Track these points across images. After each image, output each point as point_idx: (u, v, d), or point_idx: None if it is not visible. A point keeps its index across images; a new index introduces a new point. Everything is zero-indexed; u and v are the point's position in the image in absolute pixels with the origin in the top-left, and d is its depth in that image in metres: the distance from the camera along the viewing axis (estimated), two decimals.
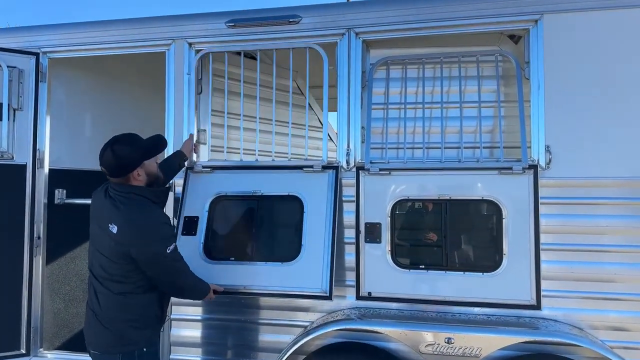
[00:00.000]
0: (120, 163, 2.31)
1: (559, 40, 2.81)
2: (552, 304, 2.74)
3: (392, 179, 2.93)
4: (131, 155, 2.33)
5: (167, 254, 2.31)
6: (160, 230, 2.33)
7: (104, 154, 2.33)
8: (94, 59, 3.56)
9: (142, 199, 2.36)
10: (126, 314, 2.34)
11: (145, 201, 2.36)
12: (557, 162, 2.77)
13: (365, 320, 2.76)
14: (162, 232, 2.33)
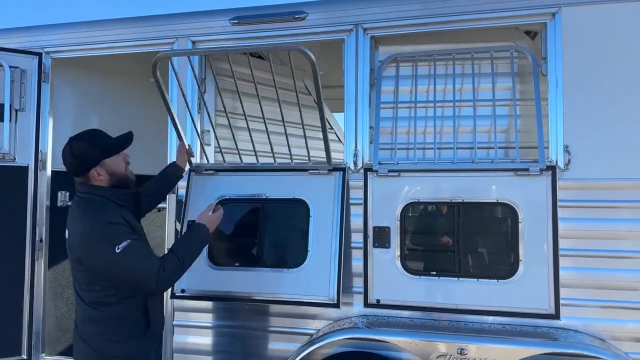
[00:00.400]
0: (77, 161, 2.15)
1: (578, 35, 2.66)
2: (571, 313, 2.58)
3: (402, 180, 2.80)
4: (89, 153, 2.15)
5: (117, 253, 2.03)
6: (104, 231, 2.07)
7: (63, 151, 2.19)
8: (98, 58, 3.49)
9: (103, 200, 2.18)
10: (100, 326, 2.14)
11: (105, 203, 2.17)
12: (576, 163, 2.62)
13: (373, 329, 2.63)
14: (106, 233, 2.06)
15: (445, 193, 2.75)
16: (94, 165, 2.17)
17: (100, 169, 2.18)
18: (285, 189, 2.95)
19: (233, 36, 3.14)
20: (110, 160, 2.21)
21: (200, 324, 3.08)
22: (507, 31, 2.96)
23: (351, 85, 2.95)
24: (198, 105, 3.22)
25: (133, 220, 2.28)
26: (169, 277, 2.12)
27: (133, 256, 2.05)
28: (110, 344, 2.14)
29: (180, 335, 3.10)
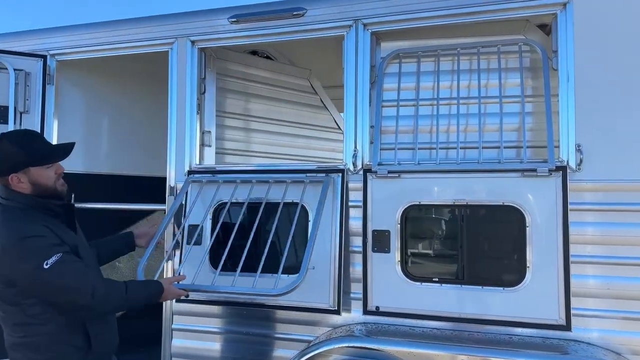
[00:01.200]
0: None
1: (592, 26, 2.49)
2: (584, 324, 2.40)
3: (403, 182, 2.67)
4: (14, 156, 1.94)
5: (45, 269, 1.83)
6: (27, 246, 1.87)
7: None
8: (103, 60, 3.49)
9: (26, 209, 1.97)
10: (30, 353, 1.92)
11: (28, 212, 1.97)
12: (589, 163, 2.44)
13: (369, 338, 2.52)
14: (30, 248, 1.86)
15: (448, 195, 2.61)
16: (15, 171, 1.96)
17: (22, 176, 1.98)
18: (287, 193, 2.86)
19: (232, 35, 3.08)
20: (37, 170, 1.99)
21: (199, 329, 3.02)
22: (517, 24, 2.80)
23: (351, 83, 2.85)
24: (198, 105, 3.16)
25: (65, 232, 2.06)
26: (106, 296, 1.95)
27: (65, 272, 1.87)
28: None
29: (178, 339, 3.06)
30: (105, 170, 3.96)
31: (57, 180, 2.08)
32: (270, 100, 3.68)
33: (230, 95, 3.35)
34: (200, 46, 3.15)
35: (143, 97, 4.05)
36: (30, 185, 2.00)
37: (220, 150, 3.37)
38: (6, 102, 3.27)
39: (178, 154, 3.11)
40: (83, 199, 3.48)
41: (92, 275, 1.98)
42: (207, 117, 3.25)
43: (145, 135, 4.04)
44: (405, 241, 2.65)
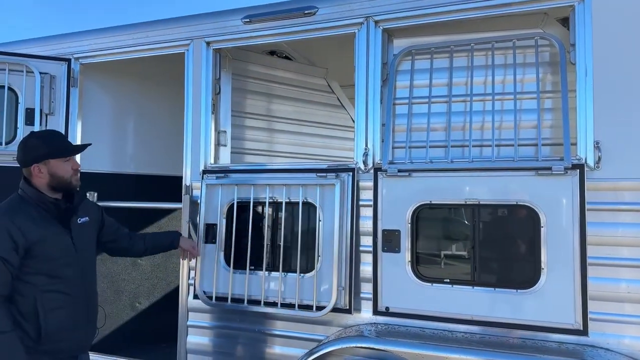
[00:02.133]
0: (25, 152, 2.25)
1: (611, 18, 2.38)
2: (602, 329, 2.30)
3: (413, 181, 2.63)
4: (37, 148, 2.23)
5: None
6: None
7: (20, 141, 2.32)
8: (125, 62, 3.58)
9: (27, 198, 2.22)
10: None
11: (25, 202, 2.20)
12: (608, 161, 2.34)
13: (380, 338, 2.48)
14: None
15: (460, 194, 2.55)
16: (38, 161, 2.24)
17: (42, 167, 2.24)
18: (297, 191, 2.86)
19: (246, 35, 3.10)
20: (56, 162, 2.26)
21: (213, 325, 3.06)
22: (534, 18, 2.71)
23: (362, 80, 2.82)
24: (213, 105, 3.20)
25: (51, 228, 2.21)
26: None
27: None
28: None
29: (193, 336, 3.10)
30: (129, 170, 4.07)
31: (73, 175, 2.32)
32: (287, 99, 3.70)
33: (246, 95, 3.38)
34: (215, 47, 3.19)
35: (165, 98, 4.14)
36: (48, 176, 2.25)
37: (236, 149, 3.40)
38: (33, 104, 3.41)
39: (193, 153, 3.17)
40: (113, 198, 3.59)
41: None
42: (222, 117, 3.29)
43: (167, 135, 4.13)
44: (415, 241, 2.61)
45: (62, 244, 2.25)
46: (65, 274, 2.24)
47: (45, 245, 2.17)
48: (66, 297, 2.22)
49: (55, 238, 2.23)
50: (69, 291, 2.24)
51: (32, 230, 2.15)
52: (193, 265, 3.08)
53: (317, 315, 2.73)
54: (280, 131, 3.72)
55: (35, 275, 2.16)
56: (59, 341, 2.19)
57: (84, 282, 2.34)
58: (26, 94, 3.40)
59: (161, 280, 4.12)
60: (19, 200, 2.24)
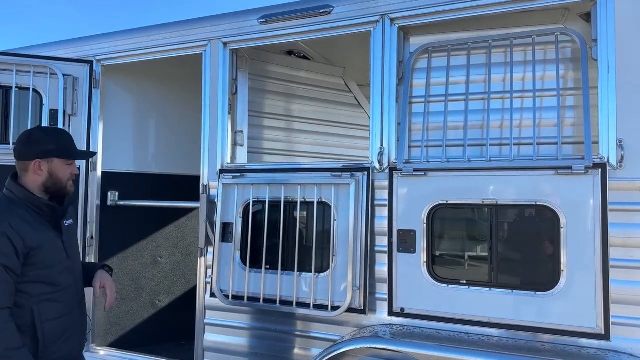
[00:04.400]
0: (30, 144, 2.07)
1: (634, 12, 2.30)
2: (625, 333, 2.23)
3: (429, 180, 2.59)
4: (44, 143, 2.06)
5: None
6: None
7: (22, 132, 2.15)
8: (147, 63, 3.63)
9: (18, 200, 2.04)
10: None
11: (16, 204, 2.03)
12: (631, 160, 2.26)
13: (395, 340, 2.46)
14: None
15: (477, 194, 2.50)
16: (41, 157, 2.07)
17: (44, 164, 2.08)
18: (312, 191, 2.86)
19: (262, 35, 3.12)
20: (59, 162, 2.11)
21: (230, 324, 3.09)
22: (555, 13, 2.64)
23: (377, 79, 2.80)
24: (230, 105, 3.22)
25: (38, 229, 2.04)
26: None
27: None
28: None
29: (211, 334, 3.13)
30: (150, 170, 4.14)
31: (69, 180, 2.17)
32: (304, 99, 3.69)
33: (263, 95, 3.39)
34: (232, 47, 3.22)
35: (184, 98, 4.19)
36: (47, 175, 2.09)
37: (253, 149, 3.42)
38: (56, 105, 3.49)
39: (211, 153, 3.20)
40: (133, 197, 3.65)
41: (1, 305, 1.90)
42: (239, 117, 3.32)
43: (186, 135, 4.18)
44: (431, 241, 2.57)
45: (57, 250, 2.11)
46: (61, 282, 2.09)
47: (42, 251, 2.02)
48: (62, 306, 2.08)
49: (50, 243, 2.07)
50: (63, 299, 2.09)
51: (29, 235, 1.98)
52: (210, 264, 3.11)
53: (332, 315, 2.73)
54: (297, 131, 3.72)
55: (32, 284, 1.99)
56: (55, 352, 2.06)
57: (77, 288, 2.19)
58: (50, 96, 3.48)
59: (180, 279, 4.18)
60: (8, 202, 2.05)
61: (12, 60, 3.45)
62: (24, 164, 2.09)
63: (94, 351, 3.57)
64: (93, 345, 3.59)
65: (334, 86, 3.73)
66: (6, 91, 3.47)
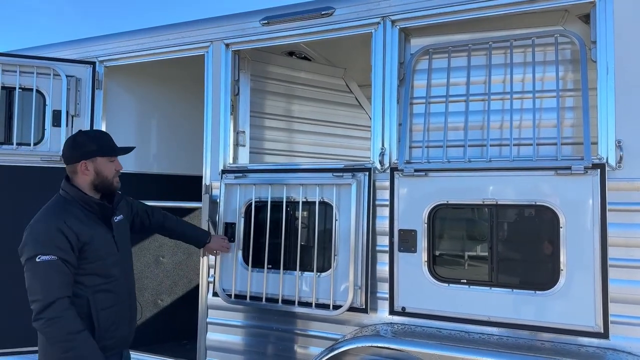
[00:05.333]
0: (74, 147, 2.25)
1: (633, 14, 2.32)
2: (624, 332, 2.25)
3: (430, 181, 2.62)
4: (86, 144, 2.24)
5: (35, 261, 2.01)
6: (43, 235, 2.07)
7: (67, 138, 2.33)
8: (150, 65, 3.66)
9: (72, 199, 2.22)
10: None
11: (70, 203, 2.21)
12: (630, 160, 2.28)
13: (396, 338, 2.48)
14: (44, 238, 2.06)
15: (478, 194, 2.52)
16: (86, 158, 2.25)
17: (89, 164, 2.25)
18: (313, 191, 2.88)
19: (264, 36, 3.14)
20: (102, 160, 2.28)
21: (233, 323, 3.11)
22: (555, 15, 2.66)
23: (379, 80, 2.82)
24: (231, 106, 3.25)
25: (97, 229, 2.23)
26: (54, 319, 1.99)
27: (44, 274, 2.01)
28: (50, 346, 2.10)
29: (213, 332, 3.16)
30: (152, 170, 4.16)
31: (114, 176, 2.35)
32: (305, 100, 3.72)
33: (264, 96, 3.41)
34: (234, 49, 3.24)
35: (187, 99, 4.22)
36: (94, 174, 2.27)
37: (255, 150, 3.44)
38: (59, 106, 3.51)
39: (213, 153, 3.22)
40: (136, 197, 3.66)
41: (63, 292, 2.04)
42: (241, 117, 3.34)
43: (188, 135, 4.20)
44: (432, 241, 2.60)
45: (108, 244, 2.29)
46: (112, 273, 2.27)
47: (94, 245, 2.20)
48: (114, 296, 2.26)
49: (102, 238, 2.26)
50: (115, 290, 2.28)
51: (82, 230, 2.16)
52: (212, 264, 3.13)
53: (334, 314, 2.75)
54: (298, 131, 3.74)
55: (87, 276, 2.18)
56: (108, 339, 2.23)
57: (127, 280, 2.40)
58: (53, 96, 3.50)
59: (182, 278, 4.20)
60: (63, 201, 2.24)
61: (16, 61, 3.47)
62: (72, 166, 2.28)
63: None
64: None
65: (335, 87, 3.75)
66: (9, 92, 3.49)
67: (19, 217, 3.36)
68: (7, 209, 3.37)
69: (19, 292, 3.29)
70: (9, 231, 3.35)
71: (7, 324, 3.34)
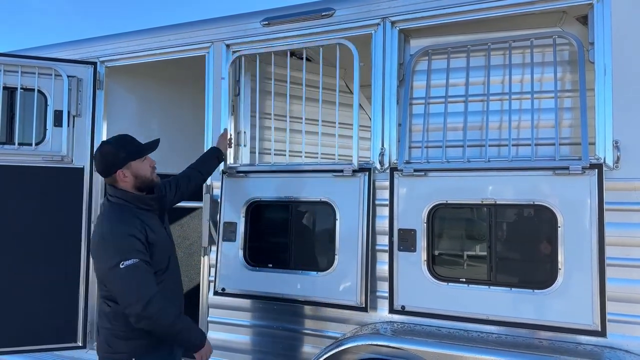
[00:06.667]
0: (104, 161, 2.27)
1: (630, 16, 2.35)
2: (621, 330, 2.28)
3: (429, 180, 2.64)
4: (116, 154, 2.26)
5: (119, 268, 2.08)
6: (118, 242, 2.14)
7: (95, 153, 2.34)
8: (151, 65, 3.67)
9: (126, 204, 2.27)
10: (108, 321, 2.23)
11: (127, 207, 2.26)
12: (627, 160, 2.31)
13: (396, 337, 2.51)
14: (120, 244, 2.13)
15: (477, 194, 2.55)
16: (120, 167, 2.27)
17: (126, 171, 2.28)
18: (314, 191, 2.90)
19: (264, 37, 3.16)
20: (136, 163, 2.31)
21: (233, 322, 3.13)
22: (553, 16, 2.69)
23: (378, 81, 2.85)
24: (232, 106, 3.27)
25: (156, 225, 2.34)
26: (157, 312, 2.09)
27: (133, 277, 2.09)
28: (116, 339, 2.21)
29: (214, 331, 3.18)
30: None
31: (152, 173, 2.40)
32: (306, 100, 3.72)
33: (264, 96, 3.42)
34: (235, 49, 3.26)
35: (187, 99, 4.23)
36: (133, 178, 2.30)
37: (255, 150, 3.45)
38: (61, 106, 3.53)
39: None
40: None
41: (154, 289, 2.14)
42: (241, 118, 3.35)
43: (189, 136, 4.22)
44: (431, 241, 2.62)
45: (165, 238, 2.39)
46: (171, 268, 2.37)
47: (158, 243, 2.28)
48: (172, 290, 2.37)
49: (161, 234, 2.34)
50: (173, 284, 2.40)
51: (148, 231, 2.23)
52: (213, 263, 3.15)
53: (334, 313, 2.77)
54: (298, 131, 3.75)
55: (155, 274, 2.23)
56: None
57: (178, 270, 2.49)
58: (55, 96, 3.52)
59: (183, 277, 4.21)
60: (120, 208, 2.26)
61: (17, 62, 3.49)
62: (111, 178, 2.30)
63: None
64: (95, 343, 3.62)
65: (335, 87, 3.76)
66: (11, 92, 3.51)
67: (20, 216, 3.40)
68: (8, 208, 3.39)
69: (19, 292, 3.35)
70: (10, 231, 3.38)
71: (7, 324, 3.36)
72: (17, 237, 3.38)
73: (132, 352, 2.20)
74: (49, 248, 3.43)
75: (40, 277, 3.41)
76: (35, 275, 3.40)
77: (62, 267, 3.47)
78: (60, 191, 3.50)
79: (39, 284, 3.40)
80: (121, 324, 2.19)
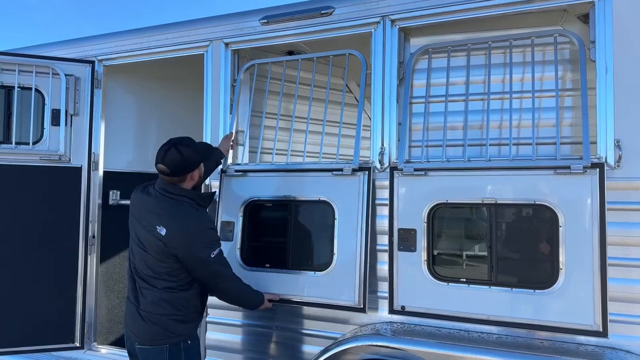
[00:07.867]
0: (184, 162, 2.40)
1: (632, 14, 2.33)
2: (622, 331, 2.26)
3: (429, 180, 2.62)
4: (194, 156, 2.44)
5: (211, 259, 2.41)
6: (206, 235, 2.43)
7: (166, 153, 2.40)
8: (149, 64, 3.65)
9: (190, 202, 2.45)
10: (171, 308, 2.42)
11: (192, 204, 2.46)
12: (629, 160, 2.29)
13: (396, 337, 2.49)
14: (208, 237, 2.43)
15: (477, 193, 2.53)
16: (195, 168, 2.48)
17: (196, 171, 2.50)
18: (312, 190, 2.89)
19: (263, 36, 3.14)
20: (202, 165, 2.55)
21: (232, 322, 3.11)
22: (554, 15, 2.67)
23: (378, 79, 2.83)
24: (231, 105, 3.25)
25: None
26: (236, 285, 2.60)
27: (220, 263, 2.50)
28: (177, 323, 2.44)
29: (212, 332, 3.16)
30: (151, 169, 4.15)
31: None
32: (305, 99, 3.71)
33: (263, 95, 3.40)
34: (233, 48, 3.24)
35: (187, 98, 4.21)
36: (198, 177, 2.54)
37: (254, 149, 3.44)
38: (58, 105, 3.51)
39: None
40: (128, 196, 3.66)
41: (231, 270, 2.59)
42: (240, 117, 3.34)
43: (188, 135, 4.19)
44: (431, 240, 2.60)
45: None
46: None
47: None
48: None
49: None
50: None
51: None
52: None
53: (333, 313, 2.75)
54: (297, 130, 3.73)
55: None
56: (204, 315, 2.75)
57: None
58: (52, 95, 3.50)
59: None
60: (189, 205, 2.46)
61: (15, 60, 3.46)
62: (179, 178, 2.46)
63: (96, 349, 3.59)
64: (95, 343, 3.61)
65: (334, 86, 3.74)
66: (8, 91, 3.49)
67: (17, 216, 3.38)
68: (5, 208, 3.37)
69: (16, 292, 3.33)
70: (7, 231, 3.35)
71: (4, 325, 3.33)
72: (14, 237, 3.36)
73: (188, 335, 2.48)
74: (47, 248, 3.41)
75: (37, 277, 3.39)
76: (33, 276, 3.37)
77: (60, 267, 3.45)
78: (57, 190, 3.48)
79: (37, 285, 3.38)
80: (185, 309, 2.45)
